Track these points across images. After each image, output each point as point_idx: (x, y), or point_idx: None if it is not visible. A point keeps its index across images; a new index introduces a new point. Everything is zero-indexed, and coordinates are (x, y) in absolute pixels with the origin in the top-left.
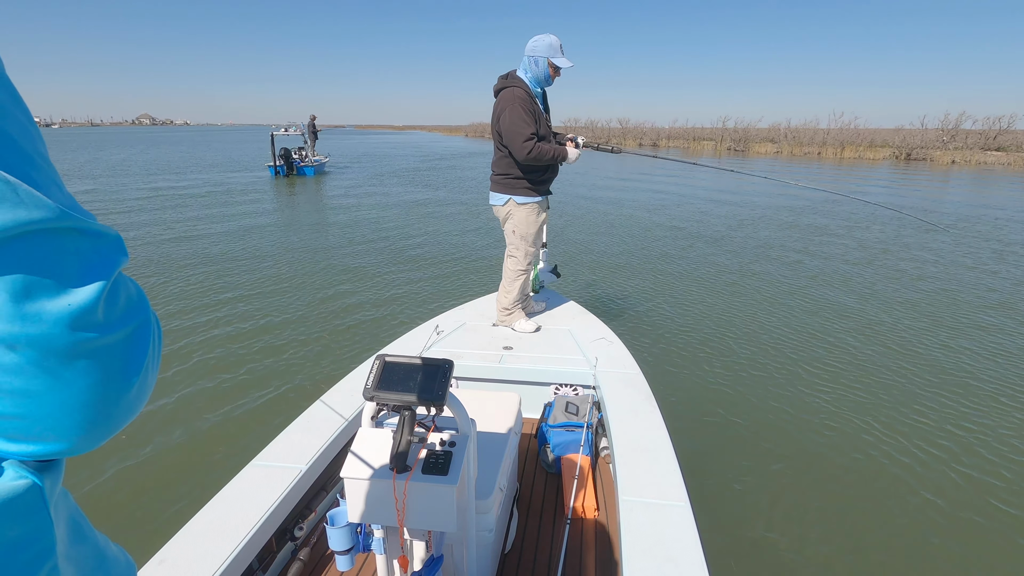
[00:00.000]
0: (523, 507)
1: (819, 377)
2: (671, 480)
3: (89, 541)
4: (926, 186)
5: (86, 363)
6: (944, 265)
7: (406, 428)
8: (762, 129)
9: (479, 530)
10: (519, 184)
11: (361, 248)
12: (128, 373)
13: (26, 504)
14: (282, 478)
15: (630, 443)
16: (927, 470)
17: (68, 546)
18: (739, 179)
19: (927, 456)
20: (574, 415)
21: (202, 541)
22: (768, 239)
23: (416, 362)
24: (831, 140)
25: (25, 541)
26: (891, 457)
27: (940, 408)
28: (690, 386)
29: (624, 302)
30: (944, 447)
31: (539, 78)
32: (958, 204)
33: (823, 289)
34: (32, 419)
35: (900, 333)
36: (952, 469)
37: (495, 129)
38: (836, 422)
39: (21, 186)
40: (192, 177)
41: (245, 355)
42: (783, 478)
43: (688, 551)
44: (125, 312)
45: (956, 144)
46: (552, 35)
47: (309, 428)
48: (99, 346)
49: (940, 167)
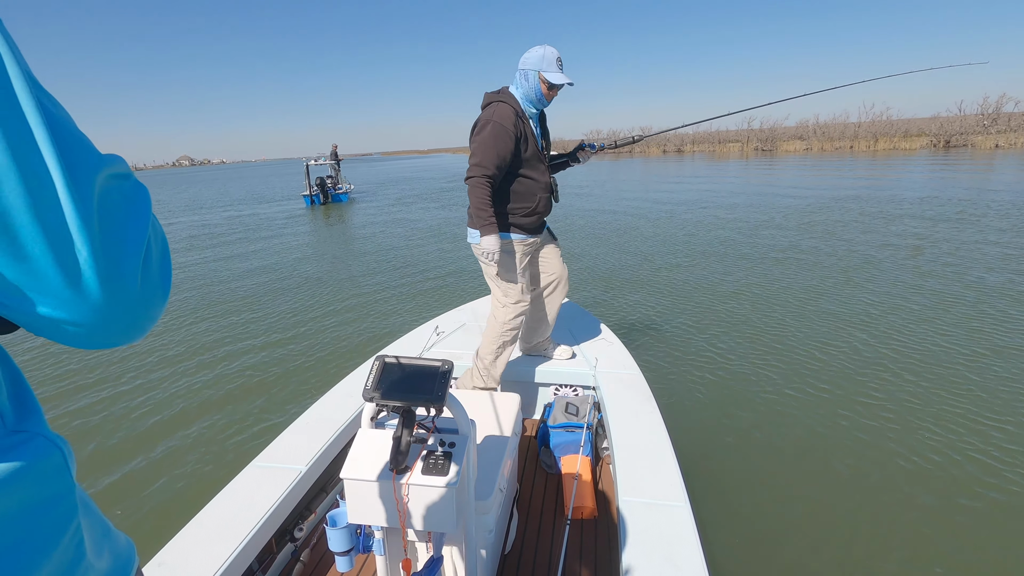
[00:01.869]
0: (523, 508)
1: (819, 377)
2: (671, 480)
3: (95, 514)
4: (968, 172)
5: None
6: (952, 255)
7: (406, 429)
8: (789, 128)
9: (479, 531)
10: (502, 218)
11: (374, 258)
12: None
13: (53, 466)
14: (282, 479)
15: (630, 444)
16: (929, 470)
17: (82, 514)
18: (740, 182)
19: (928, 457)
20: (574, 416)
21: (202, 542)
22: (768, 241)
23: (416, 363)
24: (863, 133)
25: (55, 499)
26: (892, 457)
27: (944, 406)
28: (690, 387)
29: (624, 303)
30: (946, 446)
31: (530, 96)
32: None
33: (824, 290)
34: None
35: (901, 332)
36: (958, 467)
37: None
38: (837, 423)
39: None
40: (236, 209)
41: (245, 356)
42: (783, 478)
43: (688, 552)
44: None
45: (999, 128)
46: (550, 47)
47: (309, 429)
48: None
49: (983, 152)
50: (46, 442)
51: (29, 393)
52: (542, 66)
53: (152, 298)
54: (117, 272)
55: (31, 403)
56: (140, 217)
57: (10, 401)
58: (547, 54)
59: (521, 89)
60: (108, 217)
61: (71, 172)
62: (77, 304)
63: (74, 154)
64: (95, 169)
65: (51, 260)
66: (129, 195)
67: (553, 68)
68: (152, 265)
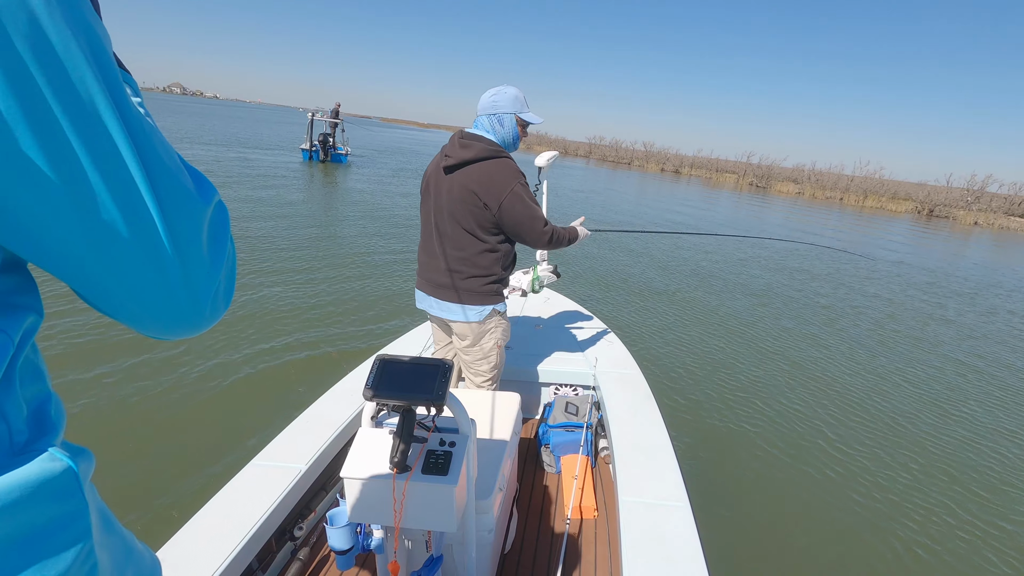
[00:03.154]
0: (523, 507)
1: (820, 378)
2: (671, 480)
3: (117, 533)
4: (944, 245)
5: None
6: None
7: (406, 428)
8: (786, 168)
9: (479, 530)
10: (502, 285)
11: (375, 241)
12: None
13: (62, 486)
14: (282, 478)
15: (630, 443)
16: (931, 473)
17: (101, 534)
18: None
19: (931, 459)
20: (574, 415)
21: (201, 541)
22: (767, 253)
23: (416, 362)
24: (854, 187)
25: (62, 521)
26: (893, 458)
27: (939, 415)
28: (690, 386)
29: (624, 303)
30: (944, 456)
31: (507, 141)
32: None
33: (824, 290)
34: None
35: (898, 343)
36: (954, 479)
37: (469, 212)
38: (838, 423)
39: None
40: (234, 151)
41: (245, 355)
42: (783, 478)
43: (688, 551)
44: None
45: (980, 206)
46: (512, 86)
47: (309, 428)
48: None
49: (962, 227)
50: (54, 462)
51: (49, 410)
52: (517, 107)
53: (220, 309)
54: (203, 290)
55: (49, 420)
56: (222, 241)
57: (27, 421)
58: (519, 94)
59: (496, 135)
60: (206, 243)
61: (173, 227)
62: (161, 312)
63: (179, 208)
64: (200, 216)
65: (154, 279)
66: (218, 222)
67: (526, 108)
68: (224, 280)
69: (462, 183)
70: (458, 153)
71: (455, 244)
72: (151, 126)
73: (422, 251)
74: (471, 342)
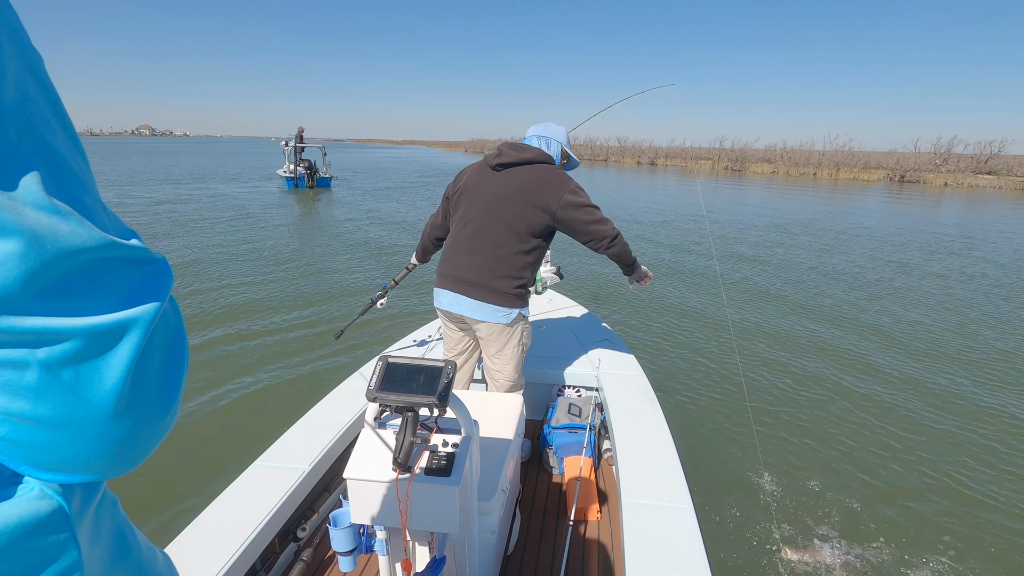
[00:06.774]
0: (525, 509)
1: (821, 378)
2: (674, 482)
3: (132, 558)
4: (919, 208)
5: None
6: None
7: (409, 429)
8: (759, 150)
9: (481, 532)
10: (527, 290)
11: (372, 249)
12: (165, 402)
13: (49, 526)
14: (285, 479)
15: (633, 445)
16: (933, 472)
17: (108, 564)
18: (735, 193)
19: (933, 458)
20: (577, 417)
21: (205, 542)
22: (768, 244)
23: (419, 363)
24: (826, 161)
25: (43, 564)
26: (895, 458)
27: (949, 407)
28: (693, 388)
29: (627, 304)
30: (953, 446)
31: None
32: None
33: (824, 290)
34: (59, 448)
35: (902, 334)
36: (963, 472)
37: (518, 209)
38: (839, 423)
39: (73, 215)
40: (211, 187)
41: (247, 356)
42: (786, 480)
43: (691, 554)
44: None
45: (948, 167)
46: (562, 125)
47: (312, 429)
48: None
49: (933, 189)
50: (43, 500)
51: None
52: (565, 141)
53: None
54: (138, 456)
55: None
56: (179, 355)
57: None
58: (567, 133)
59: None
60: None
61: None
62: (87, 478)
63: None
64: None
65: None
66: (173, 337)
67: (569, 147)
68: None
69: (516, 181)
70: (512, 154)
71: (493, 242)
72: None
73: (450, 249)
74: (498, 345)
